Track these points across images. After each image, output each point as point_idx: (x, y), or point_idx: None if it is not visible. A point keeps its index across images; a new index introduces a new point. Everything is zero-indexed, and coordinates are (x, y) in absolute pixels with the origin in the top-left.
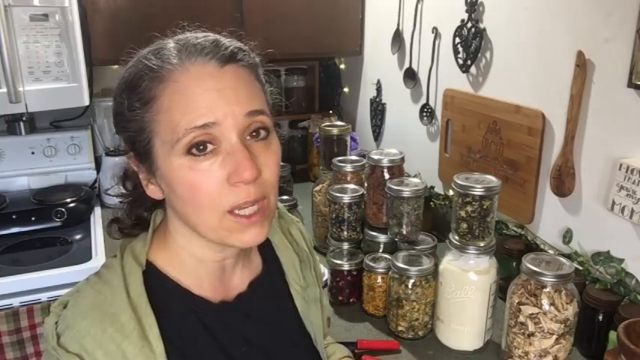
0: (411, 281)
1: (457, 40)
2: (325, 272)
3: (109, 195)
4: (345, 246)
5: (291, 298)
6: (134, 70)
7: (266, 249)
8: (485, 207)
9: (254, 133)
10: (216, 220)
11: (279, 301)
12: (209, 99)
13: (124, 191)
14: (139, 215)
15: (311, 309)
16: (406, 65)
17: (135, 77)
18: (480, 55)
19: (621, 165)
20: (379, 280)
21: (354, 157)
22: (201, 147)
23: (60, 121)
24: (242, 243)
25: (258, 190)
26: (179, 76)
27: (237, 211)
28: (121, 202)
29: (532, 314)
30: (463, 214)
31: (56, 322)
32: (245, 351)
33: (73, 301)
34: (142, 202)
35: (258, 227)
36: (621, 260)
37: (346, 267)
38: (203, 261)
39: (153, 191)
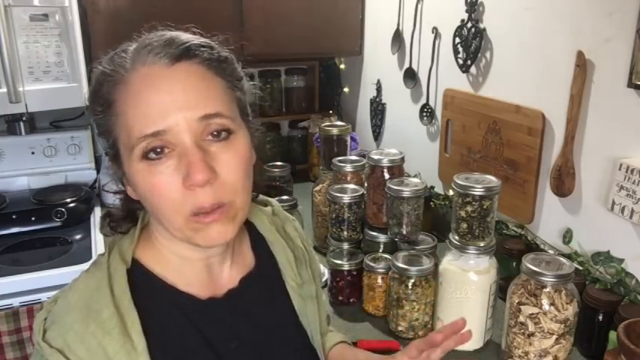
0: (411, 281)
1: (457, 40)
2: (325, 272)
3: (107, 191)
4: (345, 246)
5: (287, 295)
6: (95, 76)
7: (259, 246)
8: (485, 207)
9: (215, 133)
10: (183, 221)
11: (273, 297)
12: (159, 104)
13: (120, 187)
14: (132, 209)
15: (307, 306)
16: (406, 65)
17: (96, 82)
18: (480, 55)
19: (621, 165)
20: (379, 280)
21: (354, 157)
22: (158, 150)
23: (60, 121)
24: (205, 242)
25: (216, 195)
26: (129, 77)
27: (199, 214)
28: (117, 197)
29: (532, 314)
30: (463, 214)
31: (45, 318)
32: (235, 347)
33: (62, 296)
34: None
35: (220, 226)
36: (621, 260)
37: (346, 267)
38: (187, 259)
39: (130, 191)
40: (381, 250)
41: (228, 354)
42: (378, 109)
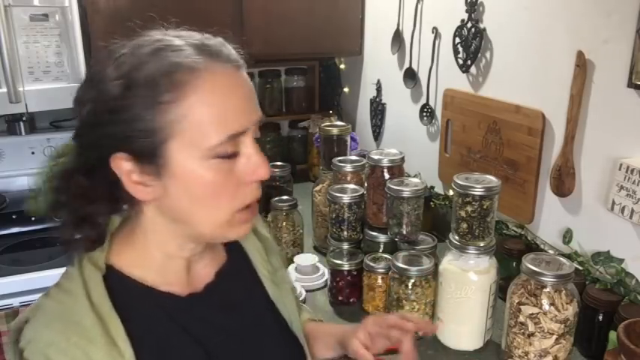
0: (411, 281)
1: (457, 40)
2: (325, 272)
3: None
4: (345, 246)
5: (262, 285)
6: (152, 67)
7: None
8: (485, 207)
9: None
10: (227, 217)
11: (249, 288)
12: (238, 107)
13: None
14: (90, 214)
15: (282, 292)
16: (406, 65)
17: (155, 74)
18: (480, 55)
19: (621, 165)
20: (379, 280)
21: (354, 157)
22: (233, 150)
23: (60, 121)
24: (239, 235)
25: (260, 191)
26: (207, 77)
27: (244, 209)
28: (62, 200)
29: (532, 314)
30: (463, 214)
31: (16, 340)
32: (221, 340)
33: (33, 316)
34: (96, 200)
35: (251, 220)
36: (621, 260)
37: (346, 267)
38: (172, 257)
39: (143, 192)
40: (381, 250)
41: (216, 348)
42: (378, 109)
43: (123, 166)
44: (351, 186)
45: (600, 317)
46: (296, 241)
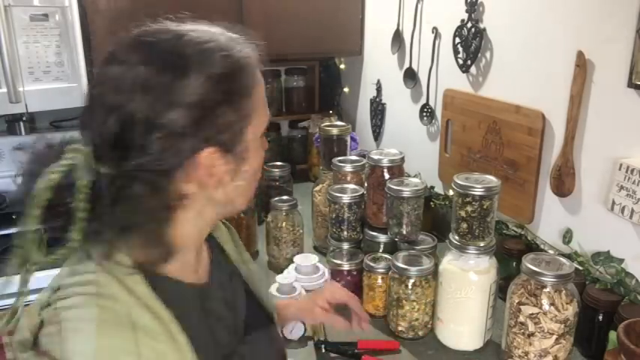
0: (411, 281)
1: (457, 40)
2: (325, 272)
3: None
4: (345, 246)
5: (235, 267)
6: (230, 62)
7: None
8: (485, 207)
9: None
10: (255, 187)
11: (230, 272)
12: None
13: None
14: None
15: (251, 271)
16: (406, 65)
17: (235, 69)
18: (480, 55)
19: (621, 165)
20: (379, 280)
21: (354, 157)
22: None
23: (60, 121)
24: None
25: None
26: (258, 65)
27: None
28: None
29: (532, 314)
30: (463, 214)
31: (32, 350)
32: (235, 320)
33: (66, 329)
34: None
35: None
36: (621, 260)
37: (346, 267)
38: (191, 248)
39: (216, 182)
40: (381, 250)
41: (232, 325)
42: (378, 109)
43: (208, 160)
44: (351, 186)
45: (600, 317)
46: (296, 241)
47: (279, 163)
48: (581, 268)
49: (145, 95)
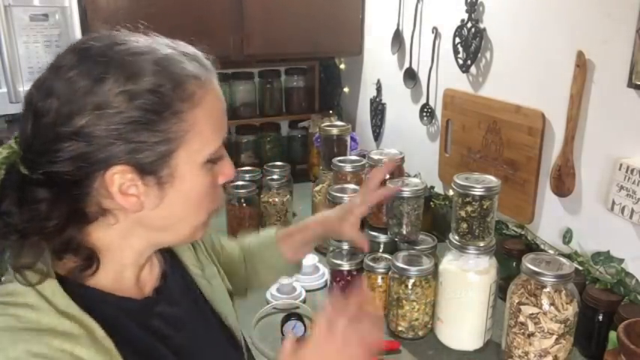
0: (411, 281)
1: (457, 40)
2: (325, 272)
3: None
4: (345, 246)
5: (194, 282)
6: (161, 77)
7: None
8: (485, 207)
9: None
10: (205, 219)
11: (187, 287)
12: (224, 113)
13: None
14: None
15: (214, 288)
16: (406, 65)
17: (165, 86)
18: (479, 55)
19: (621, 165)
20: (379, 280)
21: (354, 157)
22: (218, 154)
23: None
24: (202, 236)
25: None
26: (208, 87)
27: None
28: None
29: (532, 314)
30: (463, 214)
31: None
32: (182, 337)
33: None
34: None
35: None
36: (621, 260)
37: (346, 267)
38: (128, 265)
39: (136, 204)
40: (381, 250)
41: (179, 345)
42: (378, 109)
43: (120, 179)
44: (351, 186)
45: (600, 317)
46: None
47: (279, 163)
48: (581, 268)
49: (56, 99)
